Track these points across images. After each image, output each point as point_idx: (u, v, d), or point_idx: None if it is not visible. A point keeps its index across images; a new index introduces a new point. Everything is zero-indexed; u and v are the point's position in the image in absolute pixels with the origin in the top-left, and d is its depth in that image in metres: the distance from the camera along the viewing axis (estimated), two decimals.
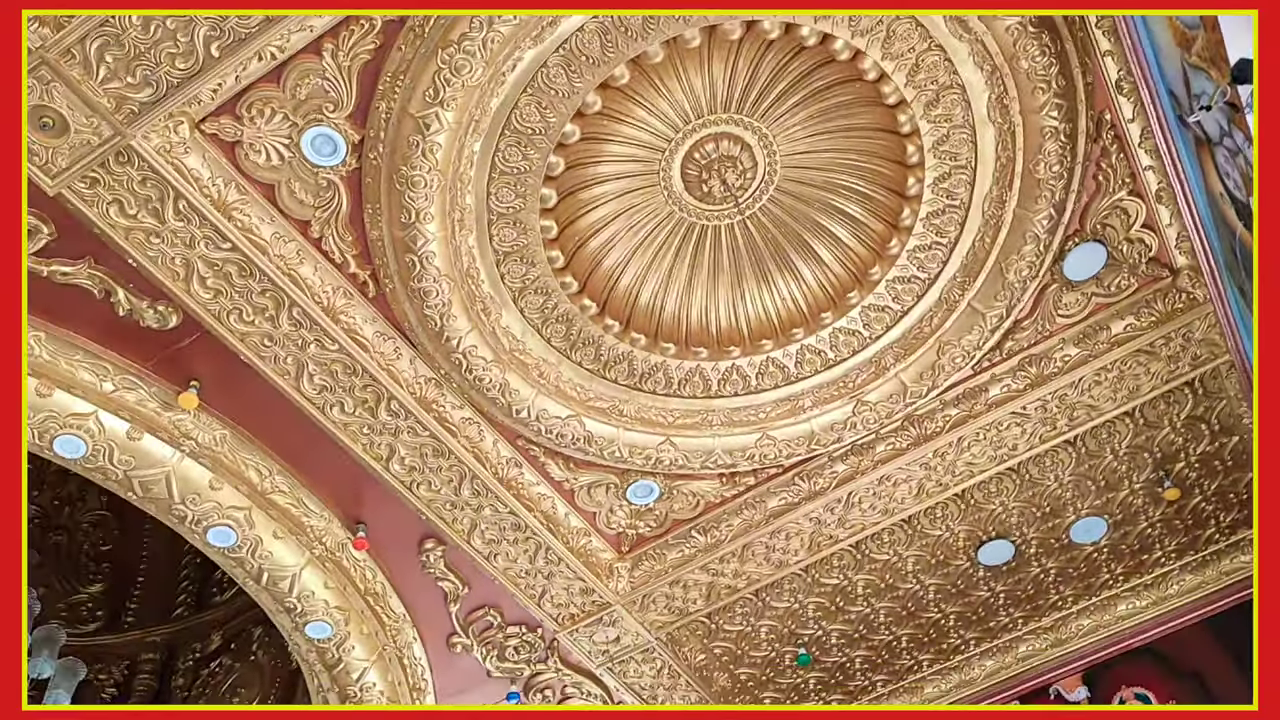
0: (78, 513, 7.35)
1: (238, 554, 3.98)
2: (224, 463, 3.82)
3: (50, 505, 7.21)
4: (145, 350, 3.58)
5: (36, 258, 3.30)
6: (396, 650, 4.47)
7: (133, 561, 7.38)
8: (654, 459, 4.07)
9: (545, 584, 4.39)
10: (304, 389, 3.63)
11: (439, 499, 4.03)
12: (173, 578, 7.34)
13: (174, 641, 7.07)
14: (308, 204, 3.30)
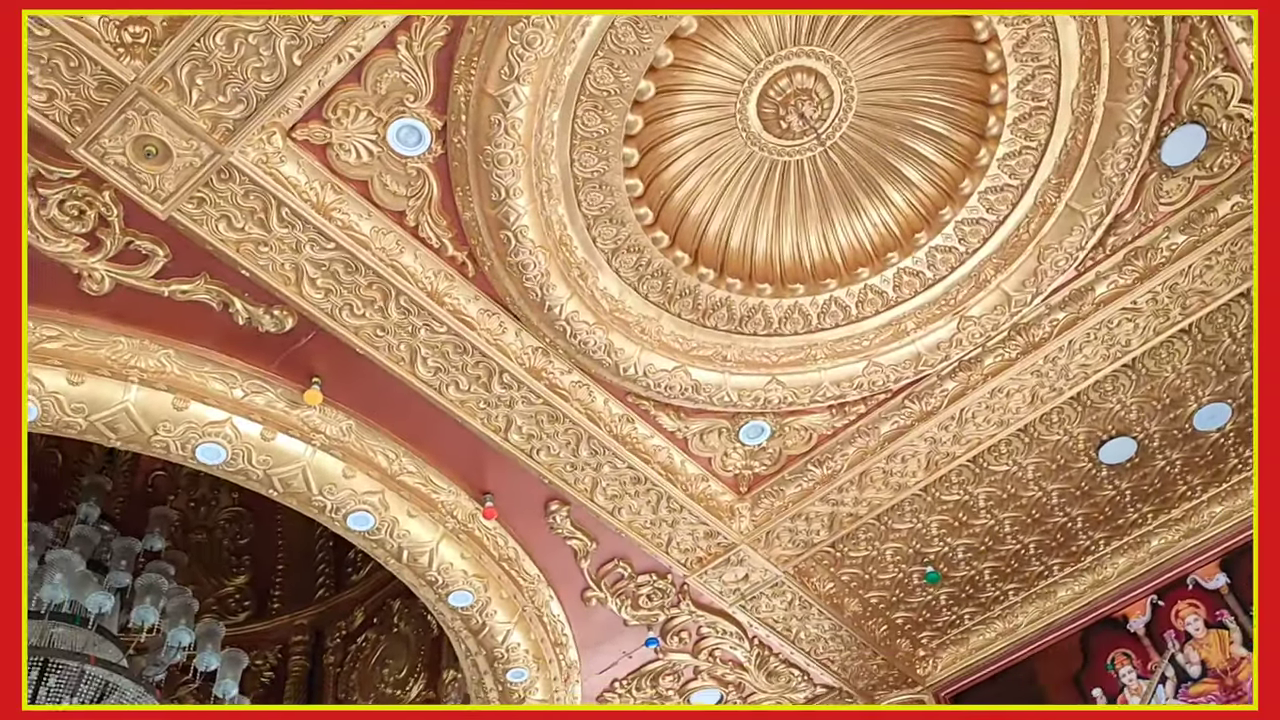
0: (214, 512, 7.71)
1: (377, 535, 4.16)
2: (353, 451, 3.99)
3: (187, 507, 7.57)
4: (267, 354, 3.74)
5: (156, 280, 3.46)
6: (535, 610, 4.64)
7: (270, 551, 7.72)
8: (762, 399, 4.11)
9: (670, 531, 4.49)
10: (419, 373, 3.76)
11: (559, 462, 4.14)
12: (310, 562, 7.67)
13: (320, 622, 7.40)
14: (400, 195, 3.39)
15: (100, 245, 3.34)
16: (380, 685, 6.71)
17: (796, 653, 5.20)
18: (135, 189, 3.16)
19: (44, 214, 3.21)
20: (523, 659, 4.69)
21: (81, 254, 3.34)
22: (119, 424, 3.64)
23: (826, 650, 5.23)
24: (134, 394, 3.60)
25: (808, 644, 5.15)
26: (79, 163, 3.11)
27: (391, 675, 6.69)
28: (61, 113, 2.96)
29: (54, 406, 3.53)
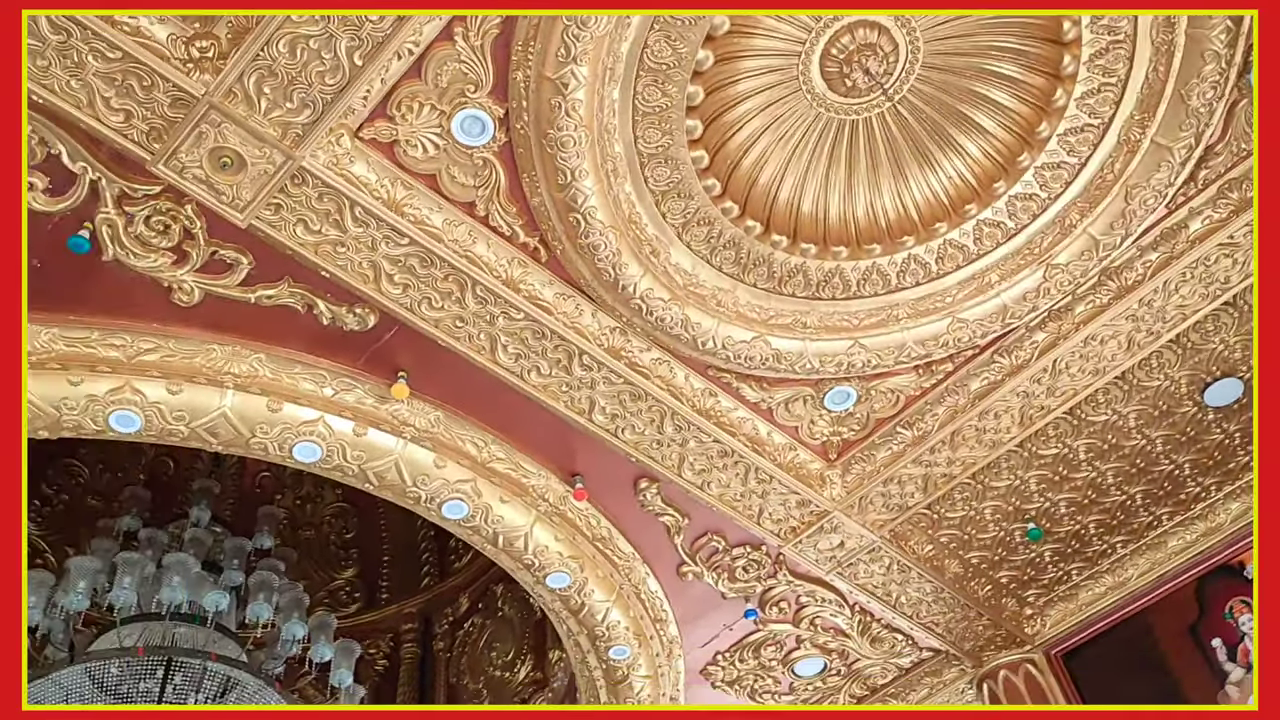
0: (320, 508, 7.95)
1: (472, 523, 4.23)
2: (443, 442, 4.06)
3: (294, 505, 7.82)
4: (353, 352, 3.82)
5: (242, 287, 3.56)
6: (632, 587, 4.67)
7: (376, 544, 7.94)
8: (845, 364, 4.06)
9: (761, 503, 4.47)
10: (500, 360, 3.80)
11: (644, 440, 4.15)
12: (414, 553, 7.86)
13: (427, 610, 7.59)
14: (469, 185, 3.42)
15: (187, 257, 3.45)
16: (489, 668, 6.85)
17: (899, 617, 5.14)
18: (215, 200, 3.26)
19: (131, 230, 3.32)
20: (623, 636, 4.73)
21: (170, 267, 3.45)
22: (218, 429, 3.76)
23: (930, 614, 5.16)
24: (230, 399, 3.72)
25: (909, 608, 5.09)
26: (160, 179, 3.21)
27: (499, 658, 6.83)
28: (139, 131, 3.06)
29: (156, 416, 3.66)
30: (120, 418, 3.62)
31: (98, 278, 3.44)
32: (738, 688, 5.39)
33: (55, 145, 3.09)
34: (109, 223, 3.30)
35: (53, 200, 3.21)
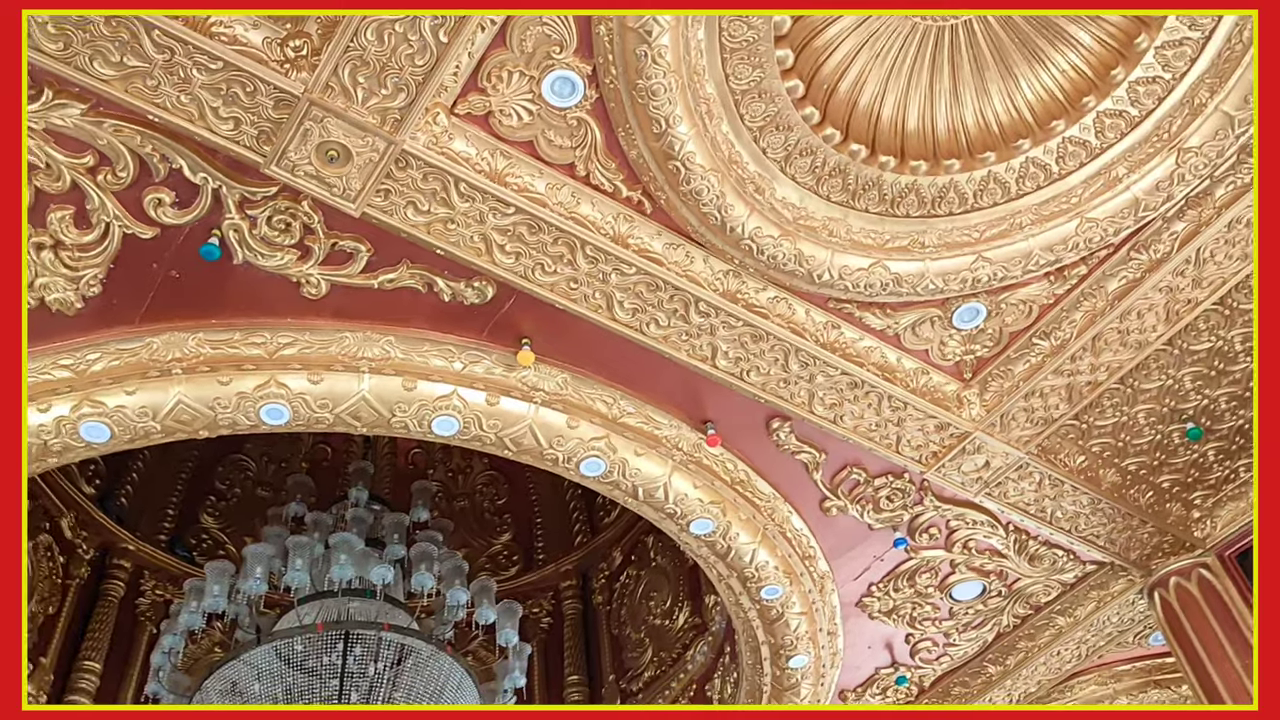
0: (471, 478, 8.24)
1: (610, 478, 4.31)
2: (573, 402, 4.13)
3: (447, 478, 8.12)
4: (476, 325, 3.92)
5: (364, 274, 3.68)
6: (776, 527, 4.68)
7: (527, 507, 8.18)
8: (970, 279, 3.92)
9: (898, 431, 4.39)
10: (618, 316, 3.83)
11: (770, 380, 4.13)
12: (564, 512, 8.06)
13: (583, 566, 7.79)
14: (566, 147, 3.44)
15: (310, 252, 3.59)
16: (649, 618, 6.99)
17: (1056, 533, 4.99)
18: (327, 194, 3.37)
19: (256, 233, 3.48)
20: (773, 576, 4.74)
21: (296, 263, 3.60)
22: (360, 412, 3.92)
23: (1089, 526, 4.99)
24: (367, 383, 3.87)
25: (1066, 522, 4.93)
26: (275, 179, 3.34)
27: (658, 607, 6.96)
28: (249, 136, 3.19)
29: (302, 406, 3.84)
30: (270, 411, 3.81)
31: (232, 281, 3.61)
32: (895, 617, 5.35)
33: (175, 160, 3.25)
34: (235, 227, 3.46)
35: (181, 213, 3.39)
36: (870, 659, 5.61)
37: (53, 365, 3.66)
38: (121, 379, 3.69)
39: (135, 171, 3.26)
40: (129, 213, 3.36)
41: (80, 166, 3.23)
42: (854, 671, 5.66)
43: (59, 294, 3.53)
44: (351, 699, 5.01)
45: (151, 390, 3.71)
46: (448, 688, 5.22)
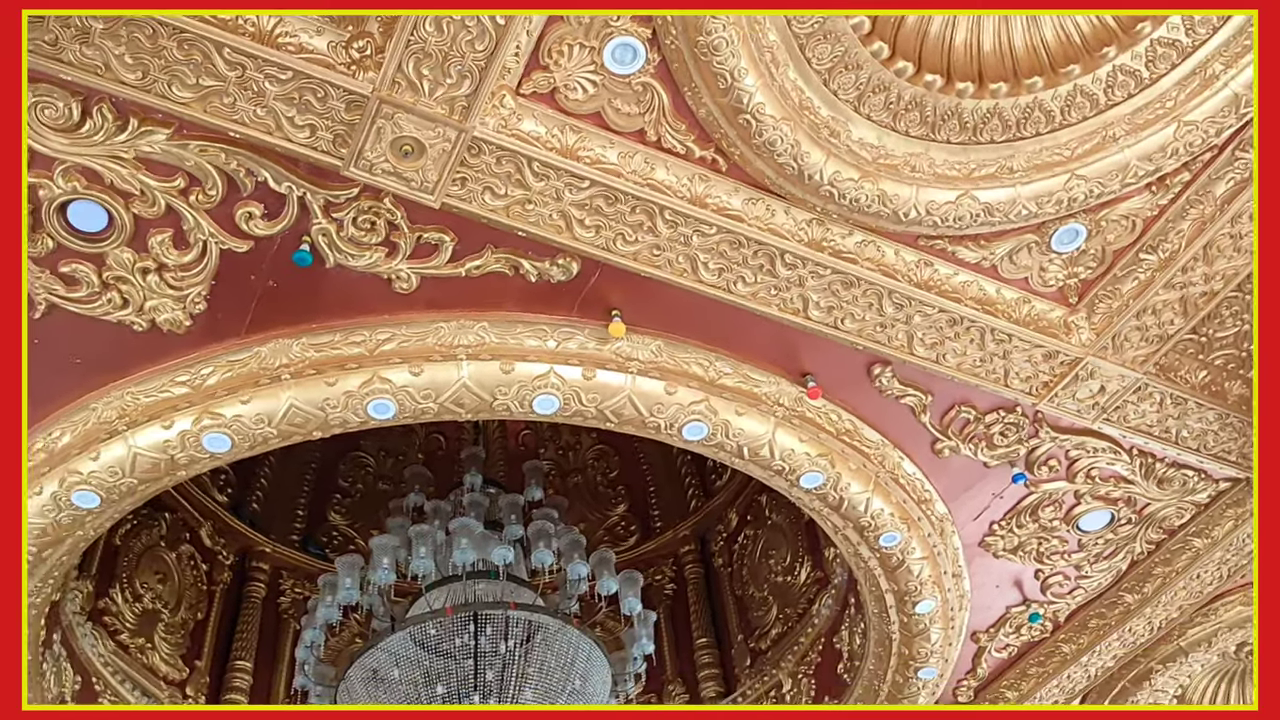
0: (581, 454, 8.34)
1: (714, 440, 4.30)
2: (669, 369, 4.13)
3: (558, 456, 8.24)
4: (565, 301, 3.95)
5: (451, 264, 3.74)
6: (888, 474, 4.61)
7: (639, 477, 8.25)
8: (1065, 200, 3.77)
9: (1004, 364, 4.27)
10: (704, 278, 3.82)
11: (866, 326, 4.06)
12: (676, 479, 8.11)
13: (701, 530, 7.83)
14: (634, 114, 3.43)
15: (397, 248, 3.66)
16: (770, 575, 7.00)
17: (1184, 453, 4.79)
18: (406, 189, 3.43)
19: (344, 235, 3.56)
20: (890, 523, 4.68)
21: (384, 260, 3.68)
22: (463, 399, 4.00)
23: (1218, 443, 4.78)
24: (466, 370, 3.94)
25: (1194, 441, 4.73)
26: (355, 180, 3.41)
27: (778, 564, 6.96)
28: (325, 141, 3.26)
29: (406, 399, 3.94)
30: (376, 406, 3.92)
31: (326, 285, 3.72)
32: (1022, 554, 5.22)
33: (260, 173, 3.35)
34: (323, 232, 3.55)
35: (271, 224, 3.49)
36: (1000, 598, 5.50)
37: (170, 383, 3.84)
38: (235, 389, 3.85)
39: (224, 188, 3.38)
40: (223, 229, 3.49)
41: (172, 189, 3.35)
42: (984, 612, 5.56)
43: (168, 314, 3.68)
44: (487, 677, 5.16)
45: (264, 398, 3.86)
46: (578, 659, 5.32)
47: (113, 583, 6.09)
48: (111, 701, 5.67)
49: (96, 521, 4.11)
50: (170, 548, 6.62)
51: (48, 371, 3.78)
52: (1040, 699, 5.99)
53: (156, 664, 6.21)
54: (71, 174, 3.25)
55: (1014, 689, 5.95)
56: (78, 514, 4.00)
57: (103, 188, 3.30)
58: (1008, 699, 6.00)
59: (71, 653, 5.39)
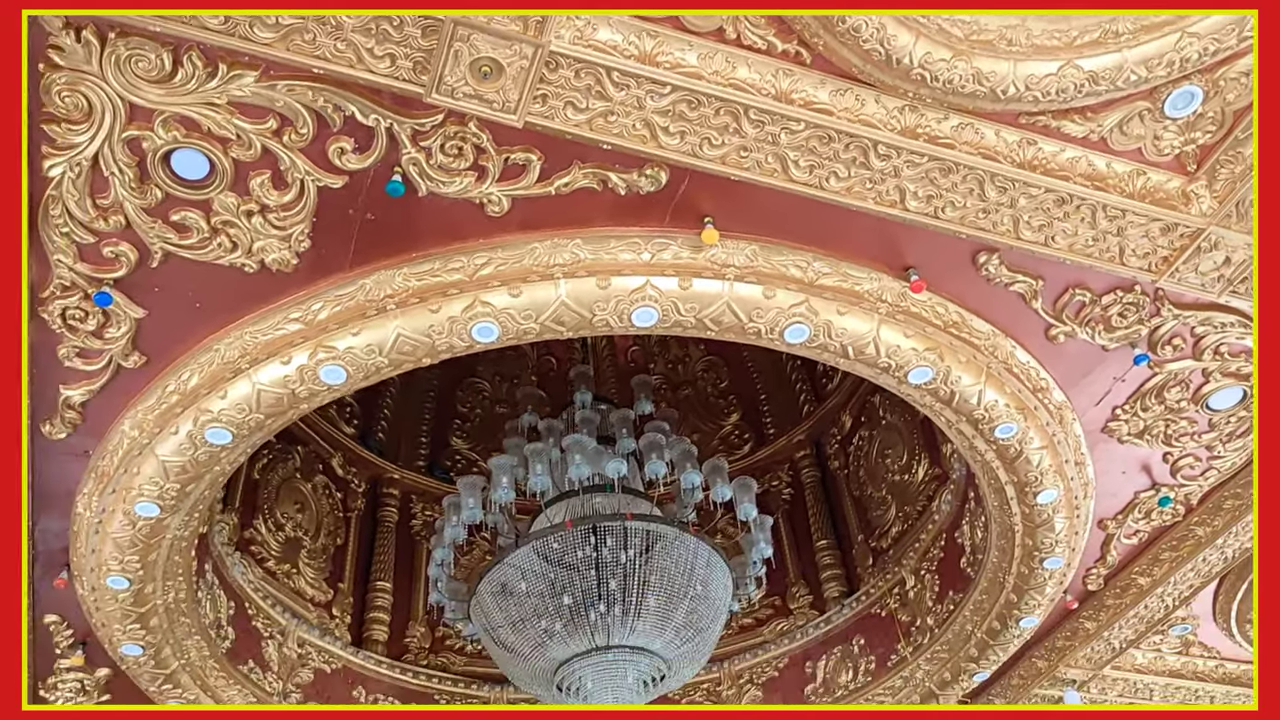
0: (690, 366, 8.40)
1: (817, 342, 4.25)
2: (765, 272, 4.08)
3: (667, 370, 8.31)
4: (656, 212, 3.92)
5: (540, 183, 3.74)
6: (1000, 364, 4.48)
7: (749, 385, 8.27)
8: (1177, 60, 3.53)
9: (1119, 241, 4.08)
10: (795, 176, 3.73)
11: (968, 213, 3.92)
12: (786, 385, 8.09)
13: (814, 434, 7.83)
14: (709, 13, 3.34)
15: (486, 172, 3.68)
16: (888, 475, 6.96)
17: None
18: (489, 110, 3.43)
19: (433, 162, 3.60)
20: (1005, 414, 4.57)
21: (475, 185, 3.71)
22: (563, 317, 4.04)
23: None
24: (564, 288, 3.97)
25: None
26: (438, 106, 3.43)
27: (894, 463, 6.91)
28: (406, 70, 3.28)
29: (509, 321, 4.00)
30: (480, 330, 3.99)
31: (421, 214, 3.78)
32: (1148, 437, 5.04)
33: (346, 107, 3.40)
34: (413, 161, 3.59)
35: (362, 157, 3.55)
36: (1127, 484, 5.35)
37: (284, 320, 3.98)
38: (345, 323, 3.97)
39: (314, 126, 3.44)
40: (317, 166, 3.56)
41: (266, 131, 3.43)
42: (1111, 499, 5.42)
43: (276, 254, 3.81)
44: (610, 586, 5.30)
45: (373, 329, 3.98)
46: (698, 566, 5.41)
47: (256, 514, 6.45)
48: (265, 623, 6.05)
49: (231, 456, 4.33)
50: (305, 478, 6.96)
51: (172, 317, 3.97)
52: (1174, 584, 5.85)
53: (303, 588, 6.58)
54: (171, 124, 3.35)
55: (1146, 575, 5.82)
56: (212, 450, 4.22)
57: (201, 135, 3.40)
58: (1140, 585, 5.88)
59: (223, 581, 5.75)
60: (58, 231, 3.62)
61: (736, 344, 8.27)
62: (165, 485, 4.32)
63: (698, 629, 5.45)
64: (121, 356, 4.07)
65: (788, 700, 6.91)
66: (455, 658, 7.21)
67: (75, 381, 4.15)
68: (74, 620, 5.26)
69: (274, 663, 6.02)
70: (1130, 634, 6.20)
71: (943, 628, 6.09)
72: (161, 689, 5.42)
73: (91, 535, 4.57)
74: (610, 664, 5.22)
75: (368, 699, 6.53)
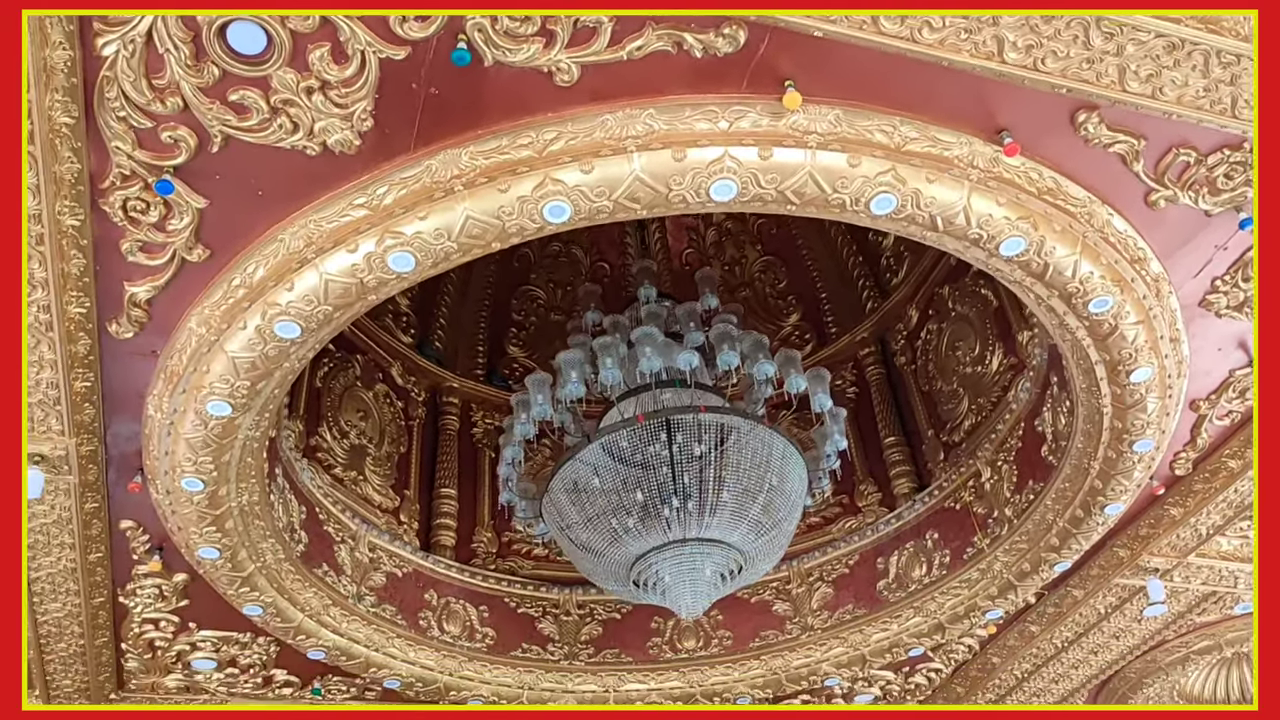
0: (747, 268, 8.21)
1: (904, 213, 4.02)
2: (849, 139, 3.84)
3: (724, 272, 8.13)
4: (734, 77, 3.69)
5: (611, 48, 3.51)
6: (1096, 233, 4.23)
7: (808, 285, 8.08)
8: None
9: (1231, 91, 3.79)
10: (885, 29, 3.47)
11: (1070, 64, 3.65)
12: (847, 282, 7.89)
13: (879, 331, 7.64)
14: None
15: (554, 37, 3.46)
16: (959, 368, 6.77)
17: None
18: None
19: (499, 27, 3.38)
20: (1100, 287, 4.33)
21: (542, 52, 3.49)
22: (637, 194, 3.85)
23: None
24: (638, 162, 3.78)
25: None
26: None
27: (966, 355, 6.71)
28: None
29: (580, 199, 3.82)
30: (551, 209, 3.82)
31: (487, 85, 3.58)
32: (1248, 310, 4.79)
33: None
34: (478, 27, 3.39)
35: (424, 25, 3.35)
36: (1222, 362, 5.11)
37: (349, 206, 3.84)
38: (412, 206, 3.82)
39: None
40: (378, 36, 3.37)
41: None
42: (1204, 378, 5.19)
43: (338, 135, 3.65)
44: (684, 481, 5.20)
45: (441, 211, 3.82)
46: (773, 459, 5.29)
47: (320, 422, 6.42)
48: (336, 527, 6.05)
49: (300, 352, 4.23)
50: (366, 387, 6.91)
51: (234, 206, 3.84)
52: None
53: (370, 494, 6.58)
54: None
55: (1237, 457, 5.61)
56: (281, 345, 4.13)
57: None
58: (1230, 469, 5.68)
59: (294, 485, 5.73)
60: (114, 116, 3.48)
61: (794, 243, 8.08)
62: (235, 383, 4.24)
63: (774, 522, 5.36)
64: (185, 250, 3.95)
65: (860, 597, 6.85)
66: (523, 562, 7.21)
67: (140, 278, 4.05)
68: (150, 526, 5.27)
69: (347, 566, 6.03)
70: (1218, 519, 6.01)
71: (1022, 518, 5.94)
72: (239, 592, 5.44)
73: (164, 437, 4.52)
74: (687, 557, 5.14)
75: (439, 601, 6.55)
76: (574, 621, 7.01)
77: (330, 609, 5.87)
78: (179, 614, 5.97)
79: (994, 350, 6.45)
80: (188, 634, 6.16)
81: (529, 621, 6.89)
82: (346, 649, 6.09)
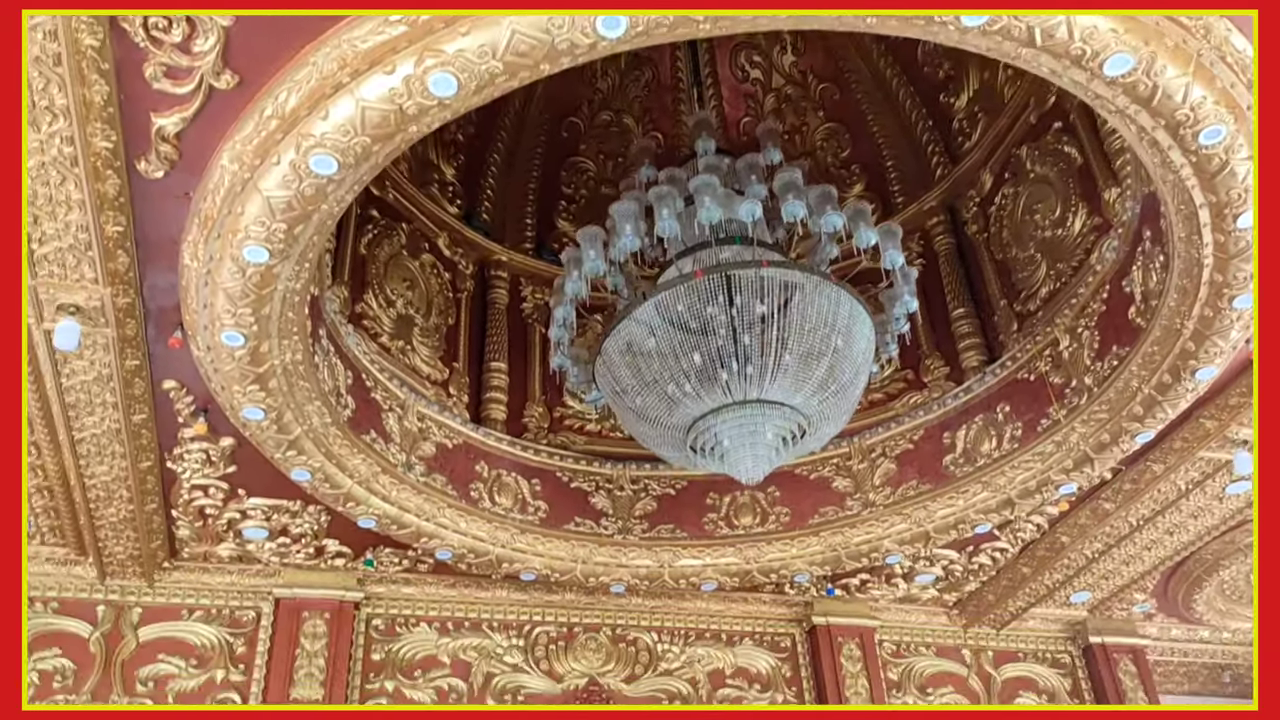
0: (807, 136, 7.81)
1: (999, 24, 3.51)
2: None
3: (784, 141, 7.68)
4: None
5: None
6: (1213, 50, 3.76)
7: (873, 153, 7.68)
8: None
9: None
10: None
11: None
12: (915, 148, 7.46)
13: (948, 199, 7.25)
14: None
15: None
16: (1036, 232, 6.38)
17: None
18: None
19: None
20: (1212, 114, 3.89)
21: None
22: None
23: None
24: None
25: None
26: None
27: (1045, 219, 6.31)
28: None
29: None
30: (606, 22, 3.47)
31: None
32: None
33: None
34: None
35: None
36: None
37: (384, 23, 3.51)
38: (453, 21, 3.48)
39: None
40: None
41: None
42: None
43: None
44: (745, 342, 4.91)
45: (485, 27, 3.47)
46: (840, 317, 4.96)
47: (365, 289, 6.21)
48: (384, 395, 5.88)
49: (338, 192, 3.96)
50: (412, 256, 6.67)
51: (262, 24, 3.53)
52: None
53: (418, 365, 6.39)
54: None
55: None
56: (318, 182, 3.86)
57: None
58: None
59: (339, 350, 5.54)
60: None
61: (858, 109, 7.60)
62: (272, 226, 3.99)
63: (840, 385, 5.06)
64: (213, 75, 3.67)
65: (924, 472, 6.57)
66: (575, 437, 7.03)
67: (167, 108, 3.78)
68: (193, 386, 5.12)
69: (395, 435, 5.87)
70: None
71: (1103, 386, 5.58)
72: (286, 455, 5.30)
73: (201, 288, 4.31)
74: (748, 419, 4.88)
75: (490, 473, 6.39)
76: (628, 496, 6.83)
77: (380, 476, 5.73)
78: (227, 480, 5.87)
79: (1076, 211, 6.02)
80: (237, 501, 6.07)
81: (582, 496, 6.72)
82: (397, 518, 5.97)
